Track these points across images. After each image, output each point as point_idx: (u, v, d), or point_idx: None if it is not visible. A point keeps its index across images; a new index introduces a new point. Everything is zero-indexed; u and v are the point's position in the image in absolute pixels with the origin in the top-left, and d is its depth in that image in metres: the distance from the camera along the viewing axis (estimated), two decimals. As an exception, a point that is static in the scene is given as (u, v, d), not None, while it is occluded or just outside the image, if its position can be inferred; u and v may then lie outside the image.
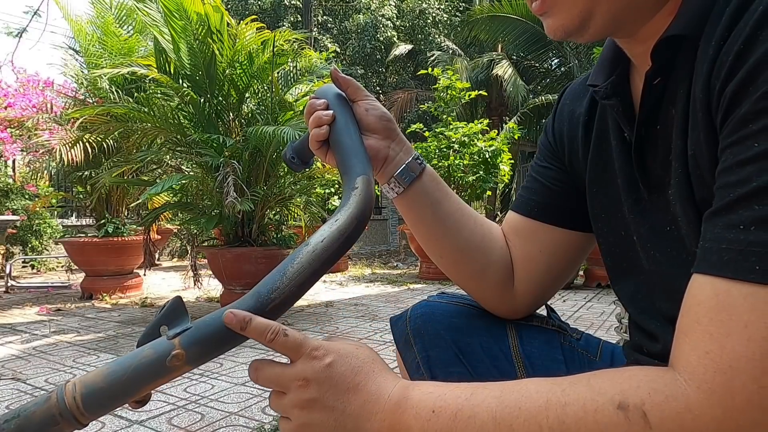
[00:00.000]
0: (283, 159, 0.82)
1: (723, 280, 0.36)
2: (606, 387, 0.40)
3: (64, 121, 4.50)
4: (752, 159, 0.36)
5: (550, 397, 0.42)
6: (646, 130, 0.53)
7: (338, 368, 0.49)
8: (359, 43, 13.90)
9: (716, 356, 0.35)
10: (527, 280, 0.74)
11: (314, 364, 0.48)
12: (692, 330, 0.38)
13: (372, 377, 0.49)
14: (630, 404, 0.38)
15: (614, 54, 0.59)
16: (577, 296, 4.48)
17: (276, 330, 0.49)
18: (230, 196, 3.08)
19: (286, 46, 3.77)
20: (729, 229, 0.36)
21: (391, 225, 12.21)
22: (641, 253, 0.59)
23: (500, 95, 11.84)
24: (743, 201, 0.36)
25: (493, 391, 0.45)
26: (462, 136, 5.91)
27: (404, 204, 0.74)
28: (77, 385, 0.49)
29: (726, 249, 0.36)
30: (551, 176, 0.73)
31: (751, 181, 0.35)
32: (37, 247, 6.78)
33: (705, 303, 0.37)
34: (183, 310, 0.52)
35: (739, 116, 0.37)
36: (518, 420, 0.42)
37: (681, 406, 0.36)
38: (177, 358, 0.49)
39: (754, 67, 0.36)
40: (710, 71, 0.41)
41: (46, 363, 2.54)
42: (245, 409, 1.90)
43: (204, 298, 4.47)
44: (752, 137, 0.36)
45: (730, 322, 0.35)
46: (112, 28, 4.44)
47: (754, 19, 0.38)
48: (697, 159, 0.45)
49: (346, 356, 0.50)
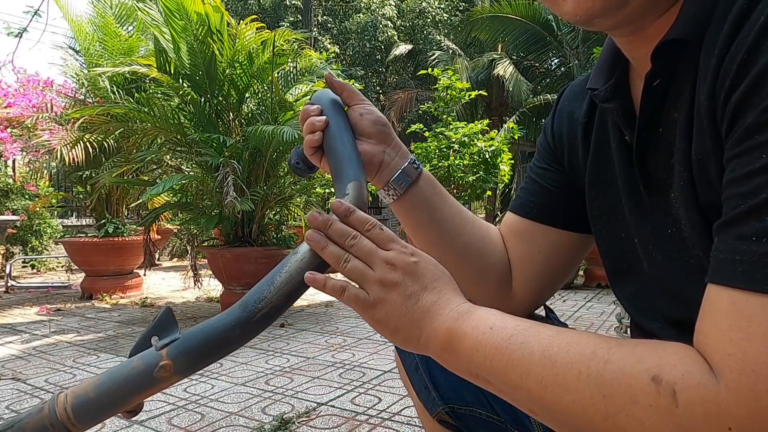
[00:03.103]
0: (289, 165, 0.81)
1: (739, 291, 0.37)
2: (646, 357, 0.41)
3: (65, 121, 4.50)
4: (760, 170, 0.36)
5: (597, 350, 0.43)
6: (647, 133, 0.53)
7: (422, 268, 0.53)
8: (359, 43, 13.89)
9: (739, 359, 0.37)
10: (525, 281, 0.74)
11: (404, 257, 0.53)
12: (713, 333, 0.39)
13: (449, 287, 0.54)
14: (663, 380, 0.39)
15: (613, 57, 0.59)
16: (577, 296, 4.48)
17: (374, 223, 0.54)
18: (230, 195, 3.08)
19: (286, 46, 3.77)
20: (741, 240, 0.37)
21: (391, 225, 12.18)
22: (642, 254, 0.59)
23: (500, 95, 11.85)
24: (755, 212, 0.37)
25: (550, 330, 0.47)
26: (462, 136, 5.91)
27: (401, 209, 0.74)
28: (69, 396, 0.50)
29: (740, 261, 0.37)
30: (550, 177, 0.73)
31: (761, 193, 0.36)
32: (37, 247, 6.78)
33: (723, 309, 0.39)
34: (172, 320, 0.53)
35: (744, 126, 0.38)
36: (563, 360, 0.44)
37: (710, 396, 0.38)
38: (164, 368, 0.50)
39: (759, 76, 0.37)
40: (715, 79, 0.42)
41: (46, 363, 2.54)
42: (245, 409, 1.90)
43: (204, 298, 4.47)
44: (759, 148, 0.37)
45: (749, 329, 0.36)
46: (112, 28, 4.44)
47: (757, 28, 0.38)
48: (704, 164, 0.45)
49: (431, 263, 0.54)
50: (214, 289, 4.52)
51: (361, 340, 2.94)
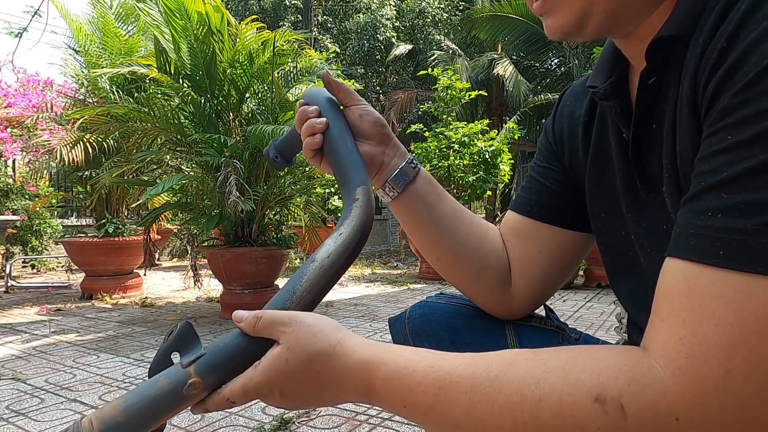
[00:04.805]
0: (266, 157, 0.82)
1: (692, 265, 0.38)
2: (583, 377, 0.40)
3: (65, 121, 4.50)
4: (724, 150, 0.37)
5: (524, 390, 0.41)
6: (643, 130, 0.54)
7: (293, 365, 0.50)
8: (359, 43, 13.89)
9: (689, 342, 0.36)
10: (526, 280, 0.74)
11: (270, 374, 0.50)
12: (668, 316, 0.39)
13: (329, 367, 0.50)
14: (608, 396, 0.38)
15: (613, 56, 0.60)
16: (577, 296, 4.48)
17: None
18: (233, 195, 3.08)
19: (286, 47, 3.77)
20: (698, 215, 0.38)
21: (391, 225, 12.20)
22: (639, 251, 0.59)
23: (500, 95, 11.84)
24: (713, 189, 0.37)
25: (463, 384, 0.44)
26: (462, 136, 5.91)
27: (400, 207, 0.75)
28: (94, 422, 0.48)
29: (694, 234, 0.38)
30: (551, 176, 0.73)
31: (722, 171, 0.37)
32: (37, 247, 6.78)
33: (677, 287, 0.39)
34: (194, 335, 0.52)
35: (717, 110, 0.38)
36: (492, 416, 0.42)
37: (657, 394, 0.37)
38: (194, 386, 0.49)
39: (734, 63, 0.38)
40: (696, 69, 0.42)
41: (46, 363, 2.54)
42: (245, 409, 1.90)
43: (204, 298, 4.47)
44: (726, 129, 0.37)
45: (700, 308, 0.36)
46: (112, 28, 4.44)
47: (737, 18, 0.39)
48: (682, 156, 0.46)
49: (297, 349, 0.50)
50: (214, 289, 4.52)
51: (361, 340, 2.94)
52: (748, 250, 0.34)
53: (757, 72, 0.35)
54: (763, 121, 0.35)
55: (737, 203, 0.35)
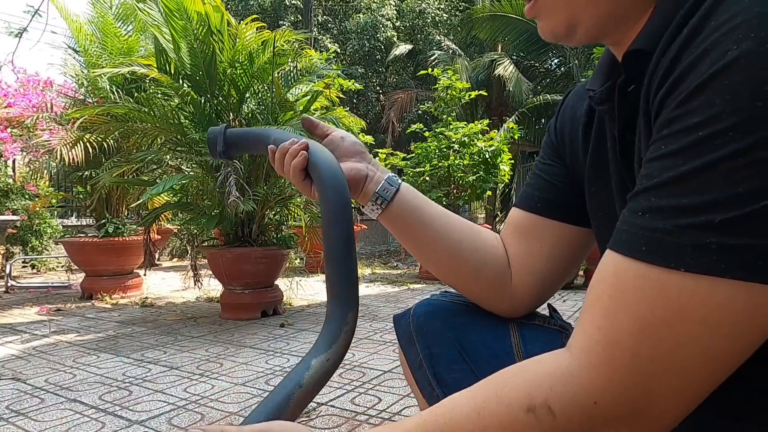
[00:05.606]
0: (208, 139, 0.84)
1: (622, 258, 0.41)
2: (513, 394, 0.44)
3: (65, 121, 4.50)
4: (658, 158, 0.41)
5: (471, 427, 0.45)
6: (630, 135, 0.55)
7: None
8: (359, 43, 13.89)
9: (607, 331, 0.41)
10: (528, 277, 0.74)
11: None
12: (593, 306, 0.43)
13: None
14: (537, 404, 0.42)
15: (611, 60, 0.60)
16: (577, 296, 4.48)
17: None
18: (233, 195, 3.08)
19: (286, 46, 3.78)
20: (632, 213, 0.42)
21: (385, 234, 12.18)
22: None
23: (500, 95, 11.85)
24: (645, 192, 0.41)
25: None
26: (462, 136, 5.92)
27: (390, 217, 0.78)
28: None
29: (626, 231, 0.42)
30: (555, 173, 0.74)
31: (654, 177, 0.41)
32: (37, 247, 6.77)
33: (607, 279, 0.43)
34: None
35: (660, 122, 0.42)
36: None
37: (576, 387, 0.41)
38: None
39: (677, 77, 0.41)
40: (650, 82, 0.45)
41: (46, 363, 2.54)
42: (245, 409, 1.90)
43: (204, 298, 4.47)
44: (662, 140, 0.41)
45: (621, 300, 0.41)
46: (112, 28, 4.44)
47: (689, 27, 0.41)
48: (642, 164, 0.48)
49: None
50: (214, 289, 4.52)
51: (361, 340, 2.93)
52: (665, 247, 0.38)
53: (689, 92, 0.39)
54: (690, 135, 0.38)
55: (661, 206, 0.39)
